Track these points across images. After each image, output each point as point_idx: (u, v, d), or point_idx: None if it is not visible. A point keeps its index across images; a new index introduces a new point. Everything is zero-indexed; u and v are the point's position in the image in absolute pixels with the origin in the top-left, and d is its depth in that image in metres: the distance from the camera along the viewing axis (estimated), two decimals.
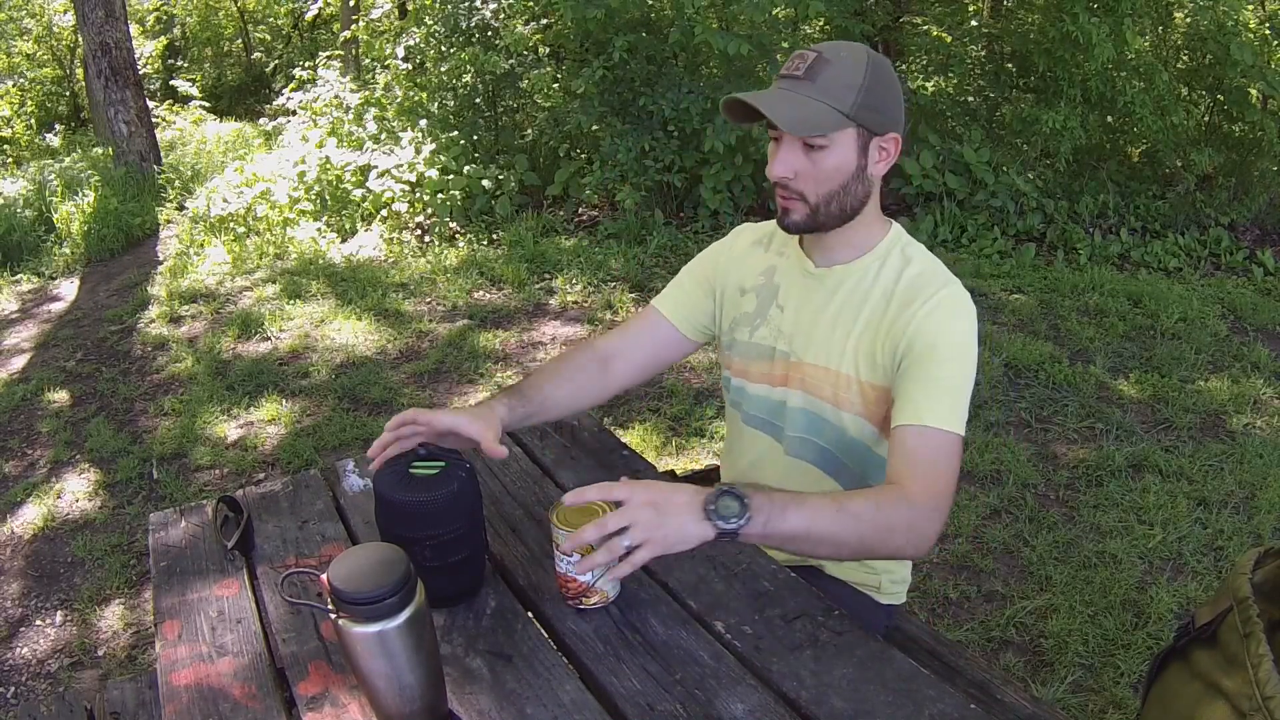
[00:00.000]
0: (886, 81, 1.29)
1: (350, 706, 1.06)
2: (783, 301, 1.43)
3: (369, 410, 3.65)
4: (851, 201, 1.33)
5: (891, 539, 1.17)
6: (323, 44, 13.53)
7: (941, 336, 1.27)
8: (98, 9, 6.99)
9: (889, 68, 1.30)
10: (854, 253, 1.38)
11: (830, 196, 1.31)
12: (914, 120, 6.19)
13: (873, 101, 1.27)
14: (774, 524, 1.09)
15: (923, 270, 1.34)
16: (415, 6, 6.94)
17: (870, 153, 1.31)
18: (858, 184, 1.32)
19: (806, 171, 1.29)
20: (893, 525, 1.17)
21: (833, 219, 1.33)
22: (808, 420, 1.41)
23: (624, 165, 5.55)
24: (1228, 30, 5.36)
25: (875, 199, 1.37)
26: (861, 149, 1.30)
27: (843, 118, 1.26)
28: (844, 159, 1.29)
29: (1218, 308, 4.47)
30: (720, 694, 1.05)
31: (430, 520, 1.16)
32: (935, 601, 2.51)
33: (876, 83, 1.27)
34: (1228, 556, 2.66)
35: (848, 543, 1.15)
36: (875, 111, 1.27)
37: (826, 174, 1.29)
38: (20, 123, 12.42)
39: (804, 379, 1.40)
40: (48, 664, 2.44)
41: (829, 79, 1.25)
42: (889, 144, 1.32)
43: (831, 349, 1.36)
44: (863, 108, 1.26)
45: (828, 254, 1.39)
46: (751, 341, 1.46)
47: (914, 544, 1.19)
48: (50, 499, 3.16)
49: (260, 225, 6.03)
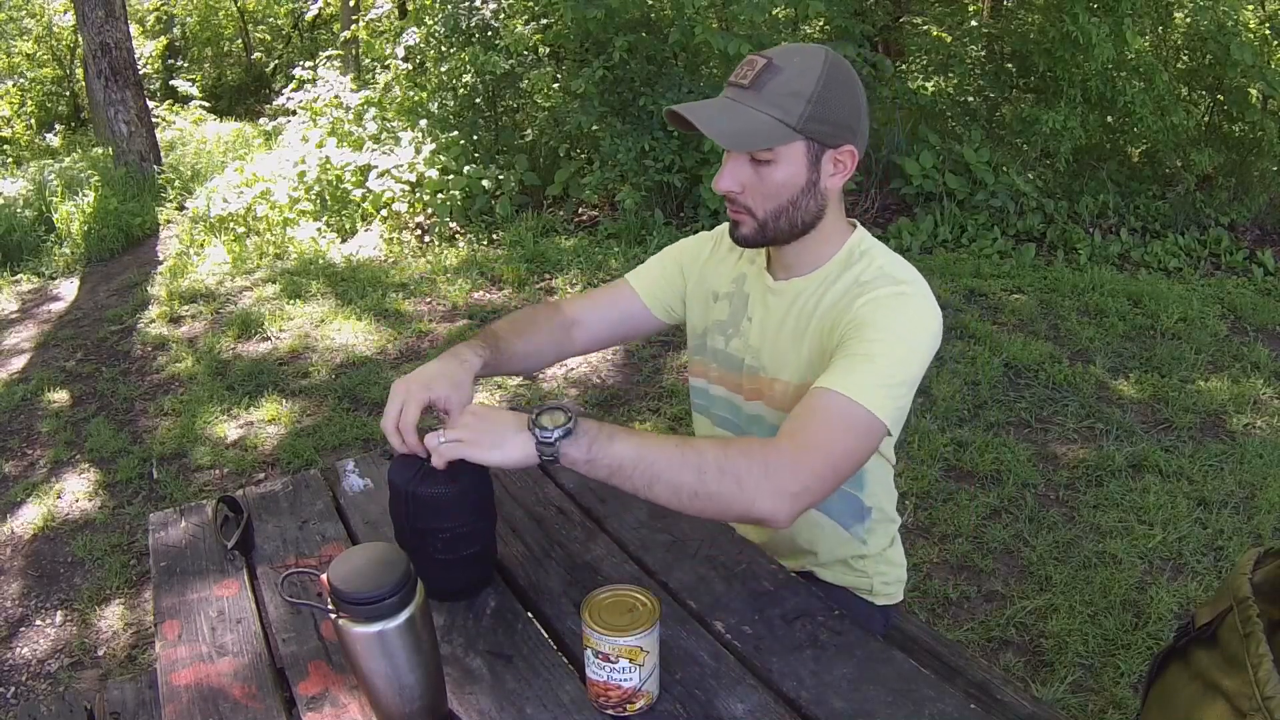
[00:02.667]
0: (842, 90, 1.21)
1: (350, 706, 1.06)
2: (750, 313, 1.41)
3: (369, 410, 3.65)
4: (803, 216, 1.26)
5: (741, 491, 1.05)
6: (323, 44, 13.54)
7: (874, 321, 1.18)
8: (98, 9, 6.99)
9: (847, 75, 1.22)
10: (812, 264, 1.32)
11: (779, 212, 1.25)
12: (914, 120, 6.20)
13: (823, 113, 1.19)
14: (599, 446, 1.06)
15: (879, 274, 1.27)
16: (415, 6, 6.94)
17: (823, 166, 1.23)
18: (809, 199, 1.24)
19: (753, 185, 1.24)
20: (741, 473, 1.05)
21: (783, 234, 1.27)
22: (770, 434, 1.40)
23: (624, 165, 5.55)
24: (1228, 30, 5.36)
25: (837, 210, 1.31)
26: (812, 162, 1.22)
27: (789, 130, 1.18)
28: (792, 173, 1.22)
29: (1218, 308, 4.47)
30: (720, 694, 1.05)
31: (446, 513, 1.15)
32: (935, 601, 2.51)
33: (829, 92, 1.19)
34: (1228, 556, 2.66)
35: (686, 483, 1.05)
36: (826, 123, 1.20)
37: (774, 189, 1.23)
38: (20, 123, 12.43)
39: (773, 395, 1.38)
40: (48, 664, 2.44)
41: (775, 88, 1.18)
42: (844, 156, 1.24)
43: (788, 362, 1.33)
44: (812, 119, 1.19)
45: (786, 268, 1.35)
46: (726, 351, 1.45)
47: (767, 499, 1.05)
48: (50, 499, 3.16)
49: (260, 225, 6.03)
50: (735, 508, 1.08)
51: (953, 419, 3.41)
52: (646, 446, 1.07)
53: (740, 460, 1.07)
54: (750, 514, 1.08)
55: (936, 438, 3.25)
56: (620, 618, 0.99)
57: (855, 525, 1.45)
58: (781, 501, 1.06)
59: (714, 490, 1.06)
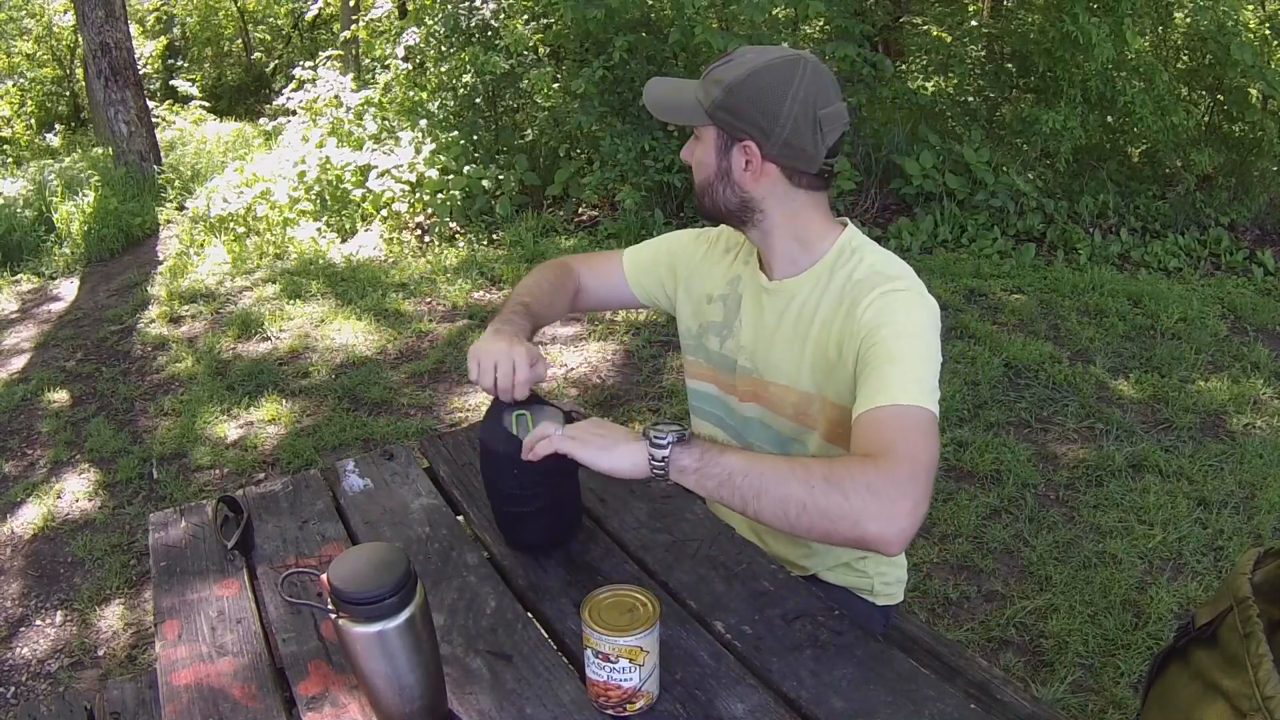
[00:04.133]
0: (768, 88, 1.21)
1: (350, 706, 1.06)
2: (743, 315, 1.42)
3: (369, 410, 3.65)
4: (723, 203, 1.31)
5: (852, 498, 1.00)
6: (323, 44, 13.53)
7: (885, 328, 1.19)
8: (98, 9, 6.99)
9: (786, 78, 1.21)
10: (803, 264, 1.33)
11: (701, 189, 1.33)
12: (914, 120, 6.20)
13: (732, 102, 1.23)
14: (710, 456, 1.06)
15: (871, 272, 1.27)
16: (415, 6, 6.94)
17: (733, 157, 1.27)
18: (723, 185, 1.29)
19: (691, 159, 1.33)
20: (852, 480, 1.02)
21: (708, 211, 1.34)
22: (771, 438, 1.41)
23: (624, 165, 5.55)
24: (1228, 30, 5.36)
25: (821, 207, 1.31)
26: (721, 150, 1.28)
27: (701, 112, 1.27)
28: (705, 156, 1.30)
29: (1218, 308, 4.47)
30: (720, 694, 1.05)
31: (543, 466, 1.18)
32: (935, 601, 2.51)
33: (750, 85, 1.21)
34: (1228, 556, 2.66)
35: (795, 496, 1.02)
36: (730, 113, 1.23)
37: (697, 166, 1.32)
38: (20, 123, 12.43)
39: (768, 398, 1.38)
40: (48, 664, 2.44)
41: (712, 75, 1.26)
42: (749, 151, 1.24)
43: (789, 366, 1.34)
44: (719, 107, 1.24)
45: (776, 268, 1.36)
46: (720, 352, 1.46)
47: (882, 513, 1.00)
48: (50, 499, 3.16)
49: (260, 225, 6.03)
50: (843, 526, 1.02)
51: (953, 419, 3.41)
52: (757, 459, 1.08)
53: (848, 475, 1.03)
54: (863, 539, 1.02)
55: None
56: (620, 618, 0.99)
57: None
58: (894, 524, 1.00)
59: (825, 509, 1.02)
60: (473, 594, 1.25)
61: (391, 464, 1.61)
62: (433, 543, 1.37)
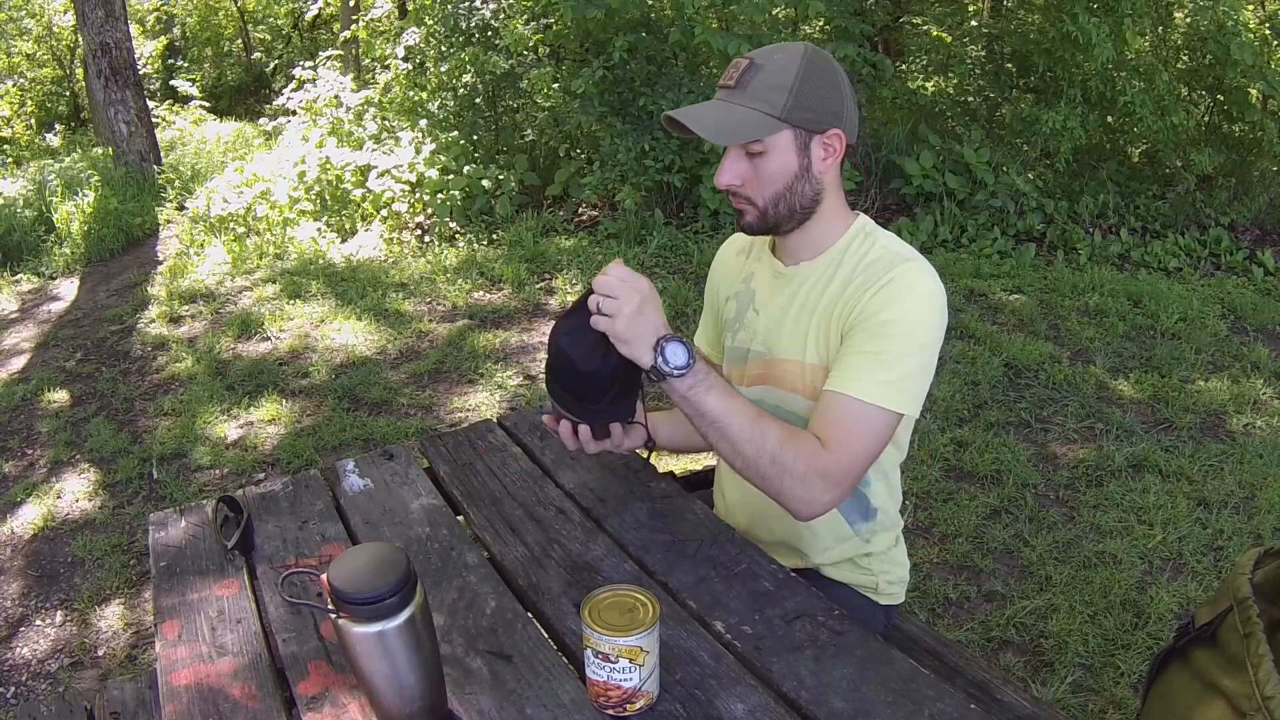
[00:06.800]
0: (821, 78, 1.28)
1: (350, 706, 1.06)
2: (758, 305, 1.46)
3: (369, 410, 3.65)
4: (801, 201, 1.33)
5: (782, 479, 1.21)
6: (323, 44, 13.54)
7: (886, 310, 1.26)
8: (98, 9, 6.99)
9: (827, 64, 1.30)
10: (818, 249, 1.39)
11: (777, 198, 1.32)
12: (914, 120, 6.20)
13: (805, 101, 1.27)
14: (698, 390, 1.19)
15: (882, 255, 1.33)
16: (415, 6, 6.95)
17: (812, 150, 1.31)
18: (803, 183, 1.32)
19: (750, 177, 1.32)
20: (788, 467, 1.20)
21: (784, 219, 1.35)
22: (780, 415, 1.41)
23: (624, 165, 5.55)
24: (1228, 30, 5.36)
25: (837, 194, 1.38)
26: (801, 148, 1.30)
27: (775, 121, 1.27)
28: (784, 161, 1.30)
29: (1218, 308, 4.47)
30: (720, 694, 1.05)
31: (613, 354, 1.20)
32: (935, 601, 2.51)
33: (809, 81, 1.27)
34: (1228, 556, 2.66)
35: (743, 453, 1.21)
36: (809, 110, 1.27)
37: (769, 177, 1.31)
38: (20, 123, 12.44)
39: (777, 375, 1.42)
40: (48, 664, 2.44)
41: (759, 84, 1.27)
42: (832, 140, 1.31)
43: (795, 341, 1.38)
44: (795, 108, 1.26)
45: (793, 254, 1.41)
46: (733, 346, 1.50)
47: (800, 497, 1.22)
48: (50, 499, 3.16)
49: (260, 225, 6.03)
50: (770, 488, 1.24)
51: (953, 419, 3.41)
52: (730, 409, 1.21)
53: (792, 457, 1.21)
54: (782, 501, 1.24)
55: (936, 438, 3.25)
56: (620, 618, 0.99)
57: (860, 524, 1.46)
58: (809, 506, 1.23)
59: (763, 472, 1.22)
60: (473, 594, 1.25)
61: (391, 464, 1.61)
62: (433, 543, 1.37)
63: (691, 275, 4.88)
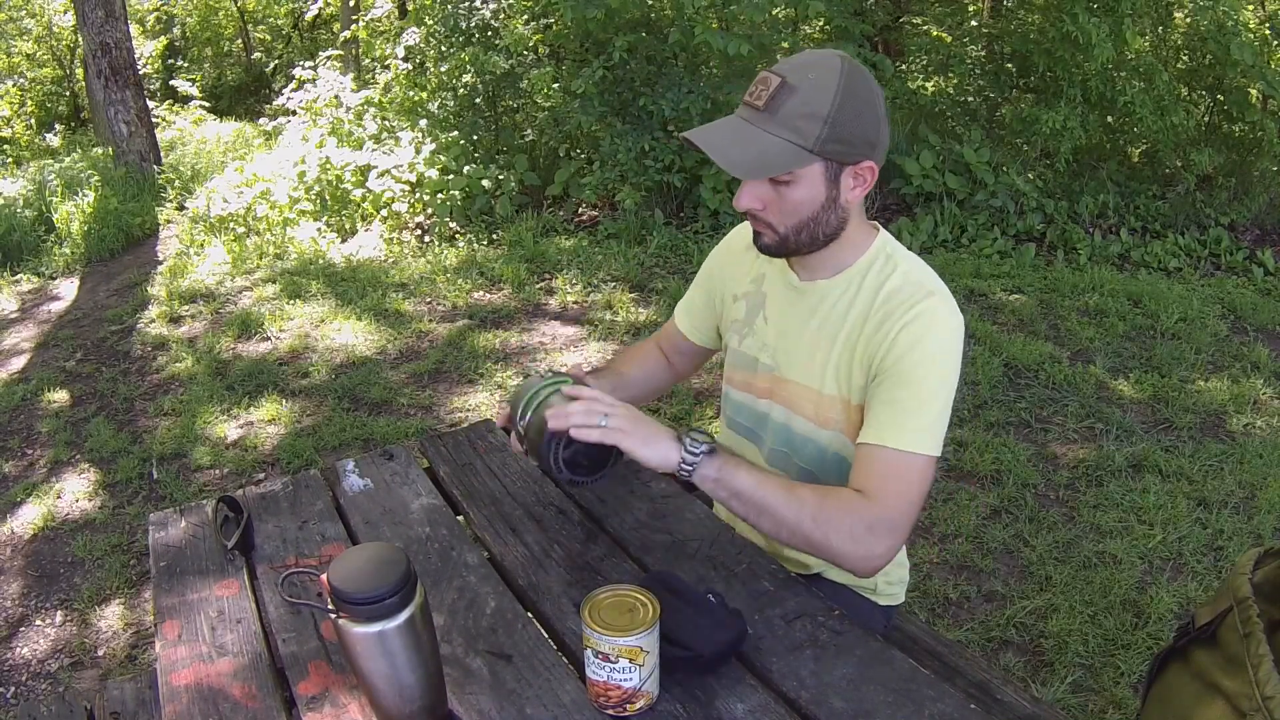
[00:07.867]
0: (860, 105, 1.19)
1: (350, 706, 1.06)
2: (769, 313, 1.41)
3: (369, 410, 3.65)
4: (824, 230, 1.26)
5: (829, 537, 1.17)
6: (323, 44, 13.54)
7: (913, 352, 1.22)
8: (98, 9, 6.99)
9: (864, 86, 1.20)
10: (837, 268, 1.33)
11: (799, 227, 1.25)
12: (914, 120, 6.20)
13: (841, 132, 1.17)
14: (728, 471, 1.17)
15: (904, 283, 1.27)
16: (415, 6, 6.95)
17: (843, 182, 1.23)
18: (829, 214, 1.25)
19: (773, 203, 1.24)
20: (835, 525, 1.17)
21: (804, 246, 1.29)
22: (787, 437, 1.41)
23: (624, 165, 5.55)
24: (1228, 30, 5.36)
25: (859, 216, 1.31)
26: (831, 180, 1.22)
27: (805, 153, 1.18)
28: (811, 192, 1.22)
29: (1218, 308, 4.47)
30: (720, 694, 1.05)
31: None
32: (935, 601, 2.50)
33: (845, 109, 1.17)
34: (1228, 556, 2.66)
35: (787, 522, 1.18)
36: (844, 143, 1.19)
37: (793, 206, 1.23)
38: (20, 123, 12.44)
39: (787, 396, 1.39)
40: (48, 664, 2.44)
41: (791, 110, 1.17)
42: (864, 171, 1.23)
43: (812, 368, 1.34)
44: (829, 140, 1.17)
45: (811, 270, 1.35)
46: (740, 350, 1.46)
47: (854, 553, 1.18)
48: (50, 499, 3.16)
49: (260, 225, 6.03)
50: (824, 552, 1.20)
51: (953, 419, 3.37)
52: (764, 482, 1.19)
53: (836, 515, 1.18)
54: (840, 562, 1.21)
55: None
56: (620, 618, 1.00)
57: None
58: (869, 562, 1.20)
59: (810, 537, 1.18)
60: (473, 594, 1.25)
61: (391, 464, 1.61)
62: (433, 543, 1.37)
63: (691, 276, 4.88)
